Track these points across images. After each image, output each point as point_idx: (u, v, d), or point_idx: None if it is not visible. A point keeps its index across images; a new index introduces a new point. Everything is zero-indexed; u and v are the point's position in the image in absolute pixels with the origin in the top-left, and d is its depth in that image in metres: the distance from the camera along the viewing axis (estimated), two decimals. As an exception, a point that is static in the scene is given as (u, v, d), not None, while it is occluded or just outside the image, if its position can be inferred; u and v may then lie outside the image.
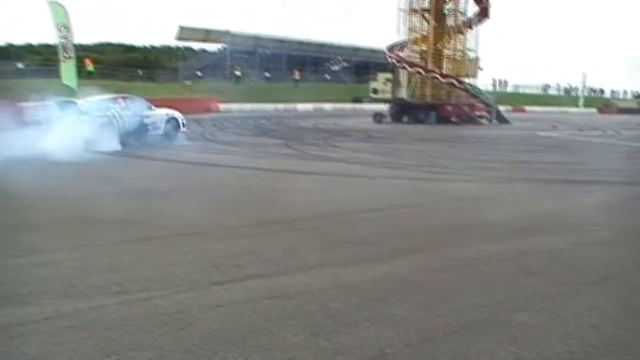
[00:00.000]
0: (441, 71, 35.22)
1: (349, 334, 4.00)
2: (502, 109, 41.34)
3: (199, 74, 59.03)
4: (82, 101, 16.75)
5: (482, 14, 36.24)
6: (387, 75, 37.80)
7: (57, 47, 24.89)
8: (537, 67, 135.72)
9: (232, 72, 56.56)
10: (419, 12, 35.93)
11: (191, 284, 4.94)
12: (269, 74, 61.92)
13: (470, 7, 36.54)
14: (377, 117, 34.71)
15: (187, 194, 9.84)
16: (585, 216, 8.52)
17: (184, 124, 19.41)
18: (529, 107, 63.33)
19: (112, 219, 7.58)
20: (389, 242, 6.61)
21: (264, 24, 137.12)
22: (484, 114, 35.56)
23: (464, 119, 34.32)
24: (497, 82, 71.43)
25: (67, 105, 16.05)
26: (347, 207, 8.66)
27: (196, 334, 3.93)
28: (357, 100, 52.10)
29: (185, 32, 56.85)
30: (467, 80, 36.25)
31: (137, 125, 17.25)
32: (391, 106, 36.33)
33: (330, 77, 69.80)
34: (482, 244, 6.62)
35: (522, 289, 5.03)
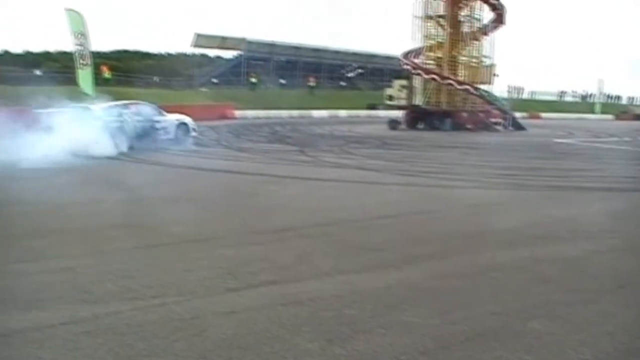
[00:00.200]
0: (457, 78, 35.09)
1: (364, 340, 4.00)
2: (517, 115, 41.12)
3: (215, 81, 59.33)
4: (96, 107, 17.52)
5: (498, 20, 36.12)
6: (402, 82, 37.58)
7: (74, 54, 25.18)
8: (553, 73, 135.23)
9: (247, 79, 56.73)
10: (434, 18, 35.82)
11: (205, 290, 4.97)
12: (284, 81, 62.05)
13: (485, 14, 36.50)
14: (392, 124, 34.63)
15: (201, 200, 9.88)
16: (600, 223, 8.45)
17: (194, 129, 20.31)
18: (544, 114, 62.93)
19: (126, 224, 7.63)
20: (403, 249, 6.61)
21: (280, 31, 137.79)
22: (499, 120, 35.37)
23: (480, 126, 34.18)
24: (513, 88, 71.19)
25: (81, 111, 16.73)
26: (362, 214, 8.66)
27: (210, 340, 3.95)
28: (372, 107, 51.95)
29: (201, 40, 57.15)
30: (482, 87, 36.07)
31: (148, 129, 18.20)
32: (406, 113, 36.23)
33: (345, 83, 69.84)
34: (496, 251, 6.60)
35: (536, 296, 5.01)
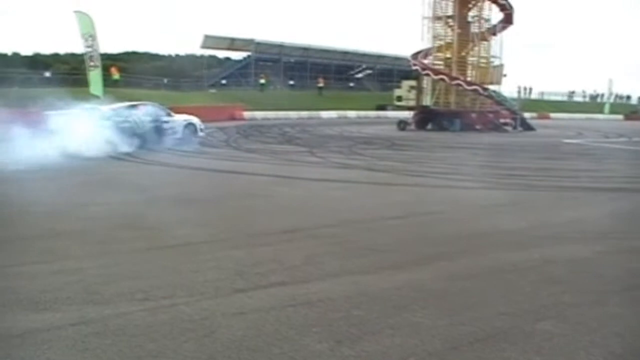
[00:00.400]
0: (465, 78, 35.04)
1: (373, 341, 4.00)
2: (526, 116, 40.99)
3: (224, 82, 59.44)
4: (106, 108, 18.24)
5: (506, 20, 36.03)
6: (411, 82, 37.56)
7: (83, 56, 25.29)
8: (562, 73, 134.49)
9: (256, 80, 56.78)
10: (443, 19, 35.79)
11: (215, 291, 4.97)
12: (293, 82, 62.06)
13: (494, 14, 36.42)
14: (401, 124, 34.58)
15: (210, 201, 9.90)
16: (610, 224, 8.41)
17: (201, 129, 20.96)
18: (553, 114, 62.66)
19: (136, 226, 7.65)
20: (412, 250, 6.60)
21: (288, 32, 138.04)
22: (508, 121, 35.27)
23: (489, 127, 34.10)
24: (522, 89, 70.95)
25: (92, 112, 17.37)
26: (370, 215, 8.65)
27: (220, 341, 3.96)
28: (381, 107, 51.89)
29: (210, 41, 57.19)
30: (491, 87, 35.99)
31: (156, 129, 18.89)
32: (415, 114, 36.16)
33: (354, 84, 69.79)
34: (506, 251, 6.58)
35: (546, 297, 4.99)
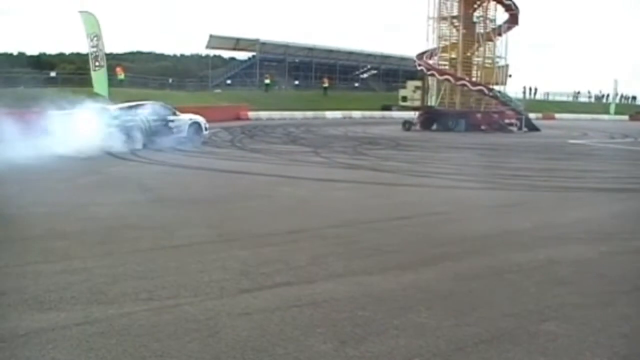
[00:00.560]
0: (471, 79, 35.03)
1: (378, 342, 3.99)
2: (531, 116, 40.93)
3: (229, 82, 59.51)
4: (114, 107, 18.80)
5: (512, 20, 36.01)
6: (416, 83, 37.46)
7: (88, 55, 25.31)
8: (568, 74, 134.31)
9: (261, 80, 56.81)
10: (448, 19, 35.77)
11: (220, 292, 4.97)
12: (298, 82, 62.16)
13: (499, 14, 36.40)
14: (406, 124, 34.58)
15: (215, 201, 9.90)
16: (616, 225, 8.39)
17: (206, 127, 21.50)
18: (558, 115, 62.59)
19: (140, 225, 7.66)
20: (417, 250, 6.59)
21: (293, 32, 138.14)
22: (513, 121, 35.27)
23: (494, 127, 34.09)
24: (527, 89, 70.88)
25: (100, 111, 17.94)
26: (375, 215, 8.64)
27: (224, 342, 3.96)
28: (386, 108, 51.85)
29: (215, 41, 57.25)
30: (496, 87, 35.96)
31: (162, 128, 19.43)
32: (420, 114, 36.13)
33: (359, 84, 69.81)
34: (512, 252, 6.56)
35: (551, 298, 4.98)
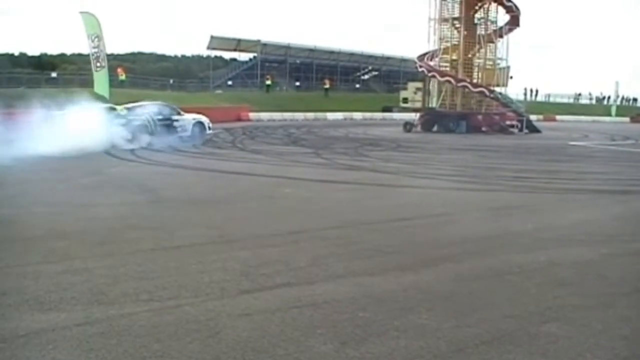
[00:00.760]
0: (472, 80, 35.01)
1: (378, 343, 3.99)
2: (533, 118, 40.96)
3: (230, 83, 59.56)
4: (120, 107, 19.67)
5: (513, 22, 35.96)
6: (417, 84, 37.47)
7: (89, 56, 25.35)
8: (569, 76, 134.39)
9: (262, 81, 56.85)
10: (450, 21, 35.75)
11: (220, 292, 4.97)
12: (299, 83, 62.20)
13: (500, 16, 36.38)
14: (407, 126, 34.62)
15: (215, 202, 9.89)
16: (617, 227, 8.37)
17: (209, 127, 22.36)
18: (559, 116, 62.71)
19: (142, 226, 7.65)
20: (417, 252, 6.58)
21: (294, 33, 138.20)
22: (514, 123, 35.28)
23: (495, 129, 34.11)
24: (528, 91, 70.94)
25: (106, 110, 19.01)
26: (376, 216, 8.63)
27: (225, 342, 3.96)
28: (387, 109, 51.94)
29: (216, 42, 57.35)
30: (497, 89, 35.95)
31: (167, 127, 20.24)
32: (421, 115, 36.15)
33: (360, 86, 69.85)
34: (513, 254, 6.55)
35: (552, 300, 4.97)
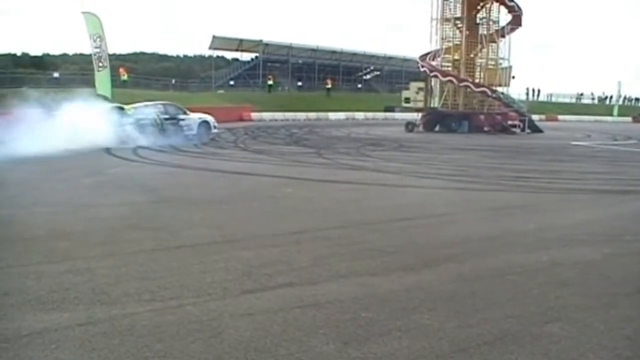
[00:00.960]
0: (474, 80, 34.99)
1: (381, 343, 3.98)
2: (535, 118, 40.93)
3: (232, 83, 59.59)
4: (129, 107, 20.45)
5: (515, 22, 35.91)
6: (419, 84, 37.46)
7: (92, 56, 25.39)
8: (571, 75, 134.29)
9: (264, 81, 56.86)
10: (452, 21, 35.73)
11: (223, 292, 4.97)
12: (301, 83, 62.23)
13: (502, 16, 36.34)
14: (409, 126, 34.61)
15: (218, 202, 9.90)
16: (619, 227, 8.35)
17: (215, 126, 23.10)
18: (562, 116, 62.67)
19: (144, 226, 7.65)
20: (420, 252, 6.57)
21: (297, 33, 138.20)
22: (516, 123, 35.21)
23: (497, 128, 34.06)
24: (530, 90, 70.90)
25: (116, 110, 19.83)
26: (379, 216, 8.62)
27: (227, 342, 3.96)
28: (389, 109, 51.91)
29: (218, 42, 57.36)
30: (499, 89, 35.92)
31: (173, 126, 20.95)
32: (423, 115, 36.15)
33: (362, 86, 69.87)
34: (515, 254, 6.54)
35: (554, 300, 4.96)
